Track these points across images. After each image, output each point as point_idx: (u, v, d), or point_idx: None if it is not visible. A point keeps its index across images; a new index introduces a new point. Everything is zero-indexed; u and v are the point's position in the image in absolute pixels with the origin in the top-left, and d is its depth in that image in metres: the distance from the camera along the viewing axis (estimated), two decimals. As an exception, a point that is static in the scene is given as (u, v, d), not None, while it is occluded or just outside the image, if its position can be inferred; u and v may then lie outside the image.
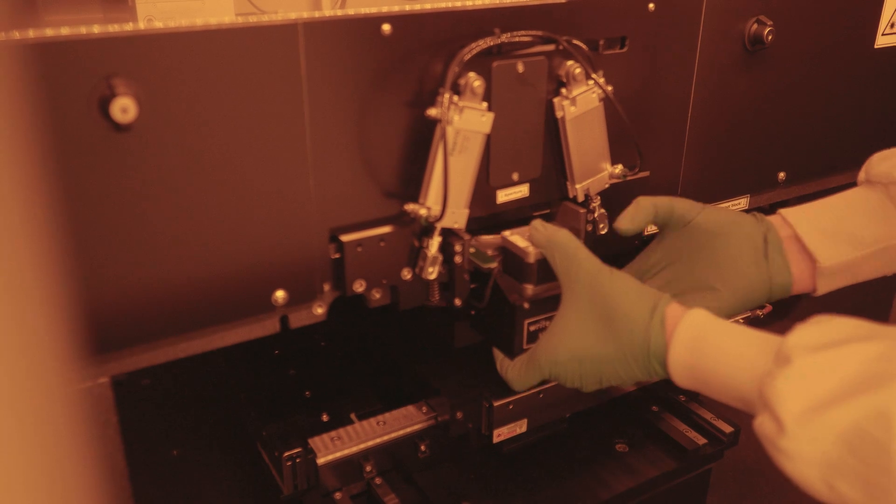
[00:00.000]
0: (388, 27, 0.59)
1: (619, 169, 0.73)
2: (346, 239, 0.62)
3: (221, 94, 0.53)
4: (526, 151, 0.70)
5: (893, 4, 0.94)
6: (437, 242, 0.65)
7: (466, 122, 0.62)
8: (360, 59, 0.59)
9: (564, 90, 0.69)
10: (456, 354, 0.77)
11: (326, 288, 0.64)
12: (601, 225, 0.74)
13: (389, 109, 0.61)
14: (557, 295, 0.66)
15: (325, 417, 0.82)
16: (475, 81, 0.62)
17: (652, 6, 0.73)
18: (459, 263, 0.68)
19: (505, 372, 0.70)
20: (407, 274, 0.67)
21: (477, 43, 0.62)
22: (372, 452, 0.75)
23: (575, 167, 0.71)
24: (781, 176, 0.92)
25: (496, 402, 0.73)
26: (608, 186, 0.74)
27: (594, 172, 0.73)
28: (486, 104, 0.63)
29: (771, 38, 0.80)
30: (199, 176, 0.54)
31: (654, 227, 0.73)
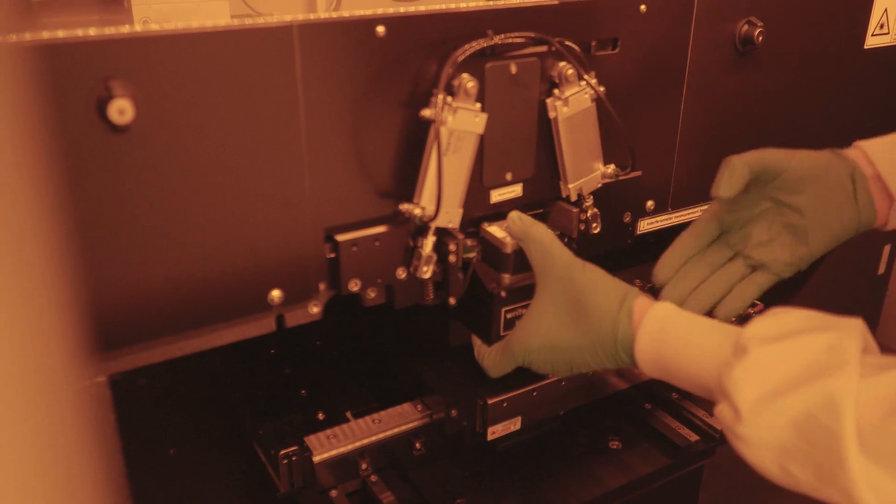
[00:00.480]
0: (382, 29, 0.59)
1: (611, 169, 0.74)
2: (341, 238, 0.63)
3: (218, 95, 0.54)
4: (519, 152, 0.70)
5: (883, 6, 0.95)
6: (431, 242, 0.66)
7: (460, 122, 0.63)
8: (354, 60, 0.59)
9: (557, 91, 0.69)
10: (451, 353, 0.78)
11: (322, 287, 0.64)
12: (594, 224, 0.75)
13: (384, 110, 0.62)
14: (533, 284, 0.68)
15: (320, 416, 0.82)
16: (469, 82, 0.62)
17: (643, 8, 0.73)
18: (454, 262, 0.68)
19: (482, 359, 0.73)
20: (402, 273, 0.67)
21: (470, 44, 0.62)
22: (367, 450, 0.76)
23: (568, 167, 0.72)
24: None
25: (490, 400, 0.73)
26: (600, 186, 0.75)
27: (587, 172, 0.73)
28: (479, 105, 0.64)
29: (761, 38, 0.81)
30: (195, 176, 0.55)
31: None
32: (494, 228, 0.70)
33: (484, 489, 0.79)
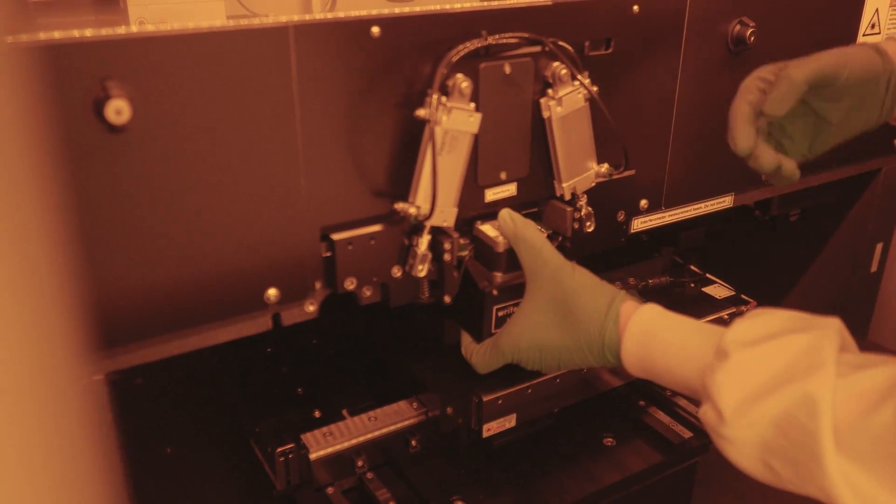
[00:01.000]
0: (377, 29, 0.60)
1: (604, 168, 0.75)
2: (337, 237, 0.64)
3: (214, 95, 0.54)
4: (513, 151, 0.71)
5: (874, 6, 0.96)
6: (426, 241, 0.66)
7: (454, 122, 0.63)
8: (349, 60, 0.60)
9: (551, 91, 0.70)
10: (446, 351, 0.78)
11: (318, 286, 0.65)
12: (588, 223, 0.75)
13: (379, 110, 0.62)
14: (524, 283, 0.69)
15: (317, 414, 0.83)
16: (463, 82, 0.63)
17: (636, 8, 0.74)
18: (449, 261, 0.69)
19: (470, 355, 0.74)
20: (397, 272, 0.68)
21: (464, 45, 0.63)
22: (363, 448, 0.76)
23: (561, 166, 0.72)
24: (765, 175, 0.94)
25: (485, 397, 0.74)
26: (594, 185, 0.75)
27: (580, 171, 0.74)
28: (473, 105, 0.65)
29: (753, 39, 0.82)
30: (192, 176, 0.55)
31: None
32: (486, 227, 0.71)
33: (479, 486, 0.79)
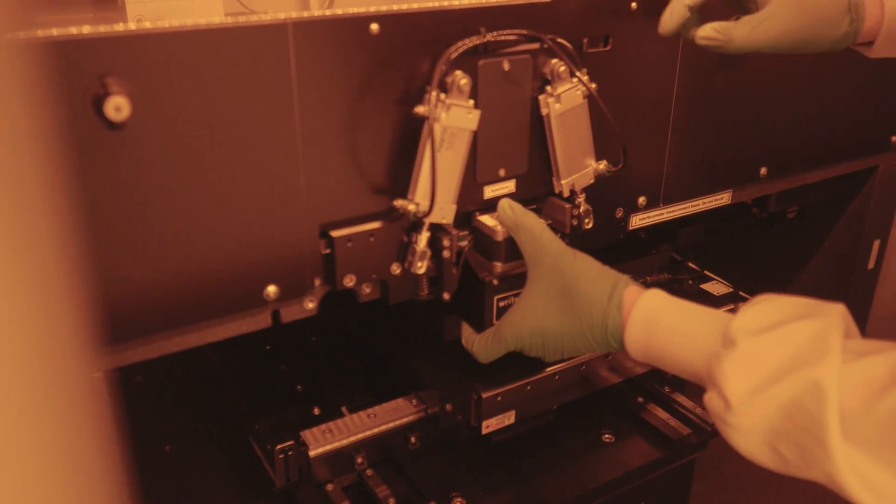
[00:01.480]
0: (376, 26, 0.60)
1: (603, 165, 0.75)
2: (336, 234, 0.64)
3: (213, 92, 0.54)
4: (512, 148, 0.71)
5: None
6: (425, 237, 0.66)
7: (453, 119, 0.63)
8: (348, 57, 0.60)
9: (549, 88, 0.70)
10: (445, 347, 0.79)
11: (317, 283, 0.65)
12: (586, 219, 0.75)
13: (378, 107, 0.62)
14: (525, 272, 0.69)
15: (316, 411, 0.83)
16: (462, 79, 0.63)
17: (634, 5, 0.74)
18: (448, 258, 0.69)
19: (471, 345, 0.74)
20: (396, 269, 0.68)
21: (463, 42, 0.63)
22: (363, 445, 0.76)
23: (560, 163, 0.73)
24: (763, 171, 0.94)
25: (485, 394, 0.74)
26: (593, 182, 0.75)
27: (579, 168, 0.74)
28: (472, 101, 0.65)
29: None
30: (191, 173, 0.55)
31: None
32: (486, 217, 0.71)
33: (478, 482, 0.79)
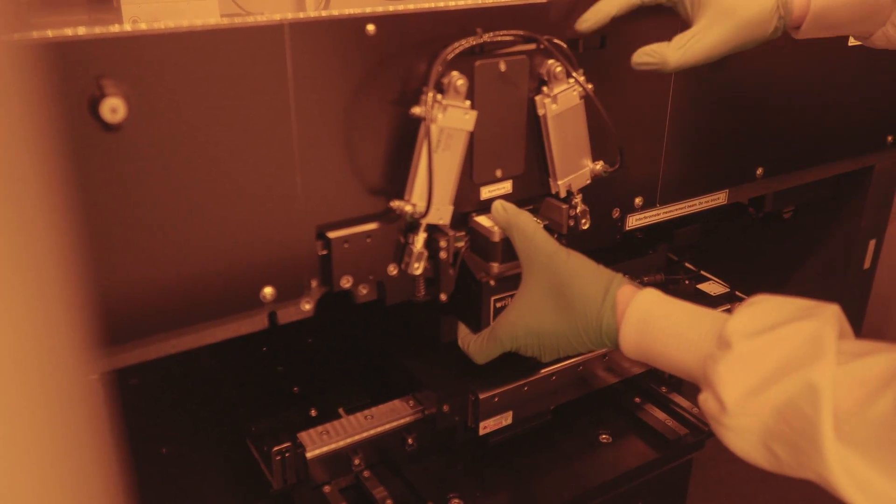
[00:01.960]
0: (372, 27, 0.60)
1: (599, 165, 0.75)
2: (332, 236, 0.63)
3: (209, 93, 0.54)
4: (509, 148, 0.71)
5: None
6: (422, 238, 0.66)
7: (450, 120, 0.63)
8: (345, 58, 0.60)
9: (546, 88, 0.70)
10: (442, 349, 0.79)
11: (314, 284, 0.65)
12: (583, 220, 0.75)
13: (374, 108, 0.62)
14: (521, 273, 0.68)
15: (313, 412, 0.83)
16: (458, 80, 0.63)
17: (630, 6, 0.74)
18: (444, 259, 0.69)
19: (467, 346, 0.74)
20: (393, 270, 0.68)
21: (460, 42, 0.63)
22: (360, 446, 0.76)
23: (557, 164, 0.73)
24: (759, 171, 0.94)
25: (482, 394, 0.74)
26: (589, 182, 0.75)
27: (575, 169, 0.74)
28: (469, 102, 0.65)
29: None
30: (187, 174, 0.55)
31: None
32: (482, 218, 0.71)
33: (476, 483, 0.79)
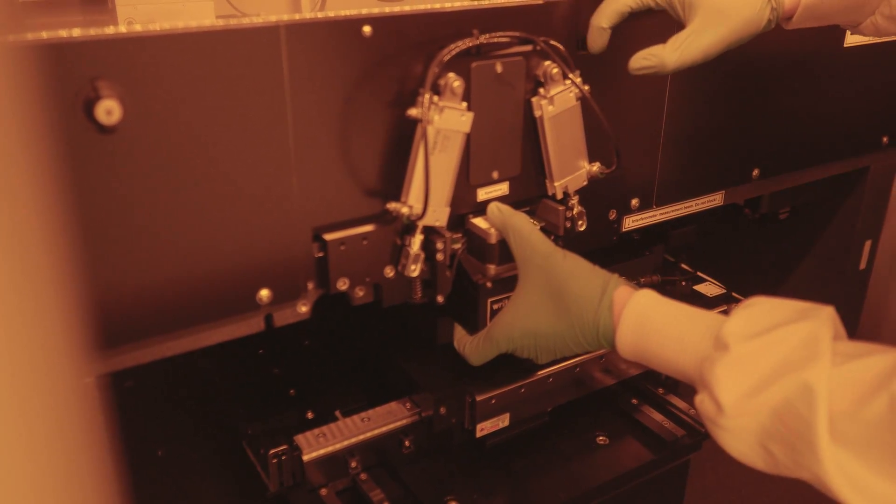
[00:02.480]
0: (368, 29, 0.60)
1: (596, 167, 0.75)
2: (329, 238, 0.63)
3: (205, 95, 0.54)
4: (505, 150, 0.71)
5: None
6: (419, 241, 0.66)
7: (447, 121, 0.63)
8: (341, 60, 0.59)
9: (542, 90, 0.70)
10: (439, 351, 0.78)
11: (310, 286, 0.64)
12: (580, 222, 0.75)
13: (371, 110, 0.62)
14: (517, 274, 0.68)
15: (309, 415, 0.83)
16: (455, 82, 0.63)
17: (627, 7, 0.74)
18: (441, 260, 0.69)
19: (462, 347, 0.74)
20: (390, 272, 0.68)
21: (456, 44, 0.63)
22: (357, 448, 0.76)
23: (553, 165, 0.73)
24: (755, 173, 0.94)
25: (479, 396, 0.74)
26: (586, 184, 0.75)
27: (572, 170, 0.74)
28: (465, 104, 0.65)
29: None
30: (183, 176, 0.55)
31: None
32: (479, 220, 0.71)
33: (473, 485, 0.79)
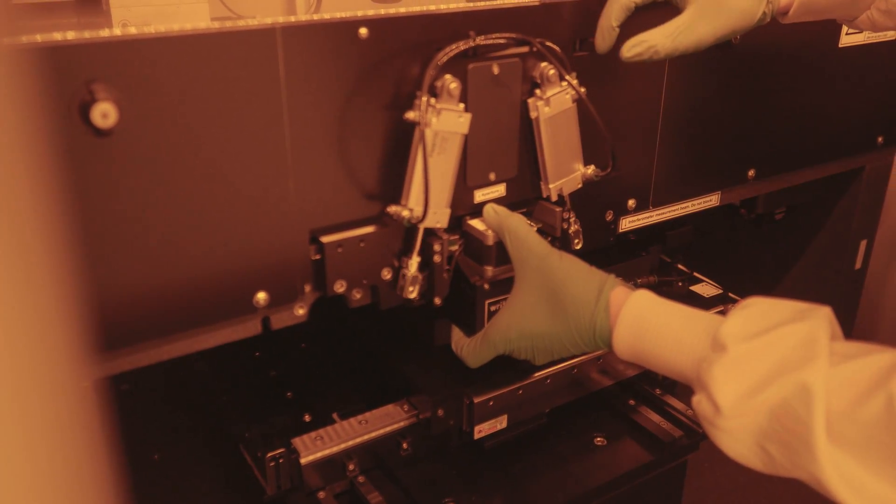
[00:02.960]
0: (364, 31, 0.60)
1: (591, 170, 0.75)
2: (326, 240, 0.63)
3: (201, 98, 0.54)
4: (502, 151, 0.71)
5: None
6: (415, 262, 0.66)
7: (444, 123, 0.63)
8: (337, 62, 0.59)
9: (538, 91, 0.70)
10: (436, 353, 0.78)
11: (307, 289, 0.64)
12: (576, 240, 0.76)
13: (367, 112, 0.62)
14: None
15: (307, 418, 0.82)
16: (451, 83, 0.63)
17: (623, 8, 0.74)
18: (438, 263, 0.69)
19: (460, 349, 0.74)
20: (387, 274, 0.68)
21: (452, 46, 0.63)
22: (354, 451, 0.76)
23: (548, 167, 0.73)
24: (751, 173, 0.94)
25: (477, 398, 0.74)
26: (581, 186, 0.75)
27: (567, 173, 0.74)
28: (462, 105, 0.64)
29: (738, 38, 0.82)
30: (180, 179, 0.54)
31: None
32: (476, 222, 0.71)
33: (471, 487, 0.79)
